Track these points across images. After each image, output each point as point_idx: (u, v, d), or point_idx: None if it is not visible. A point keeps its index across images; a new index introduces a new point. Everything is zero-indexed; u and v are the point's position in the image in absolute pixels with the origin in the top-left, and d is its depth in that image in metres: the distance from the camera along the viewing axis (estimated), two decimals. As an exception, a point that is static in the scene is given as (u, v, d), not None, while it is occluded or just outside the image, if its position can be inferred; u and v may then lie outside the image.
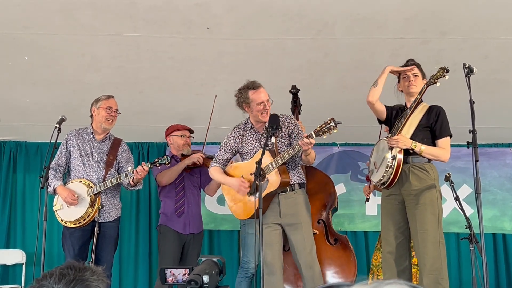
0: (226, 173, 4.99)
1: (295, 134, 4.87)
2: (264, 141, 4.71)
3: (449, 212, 7.14)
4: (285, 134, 4.88)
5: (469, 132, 4.41)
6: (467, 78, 4.41)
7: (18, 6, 5.27)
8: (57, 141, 5.04)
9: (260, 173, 4.37)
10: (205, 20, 5.46)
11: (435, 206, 4.56)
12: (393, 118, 4.87)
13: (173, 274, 2.61)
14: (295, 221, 4.76)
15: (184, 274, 2.55)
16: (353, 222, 7.27)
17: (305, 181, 4.99)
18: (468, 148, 4.64)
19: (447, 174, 4.42)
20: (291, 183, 4.77)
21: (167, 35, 5.65)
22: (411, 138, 4.60)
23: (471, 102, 4.35)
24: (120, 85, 6.25)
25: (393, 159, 4.53)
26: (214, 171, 5.02)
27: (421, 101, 4.77)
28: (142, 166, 5.11)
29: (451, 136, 4.65)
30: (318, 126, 4.43)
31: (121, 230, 7.11)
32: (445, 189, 7.01)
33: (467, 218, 4.28)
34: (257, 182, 4.37)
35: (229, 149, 5.01)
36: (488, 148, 7.37)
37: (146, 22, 5.49)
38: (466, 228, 4.25)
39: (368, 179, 5.80)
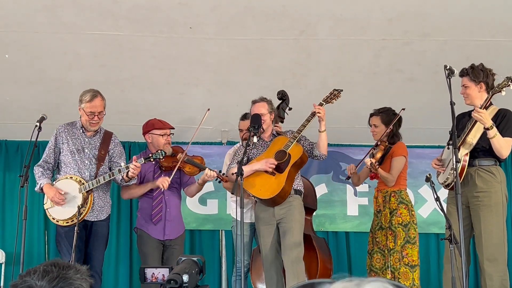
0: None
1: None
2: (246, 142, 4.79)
3: (430, 212, 7.19)
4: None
5: (449, 133, 4.45)
6: (448, 80, 4.44)
7: (-1, 3, 5.23)
8: (38, 139, 4.93)
9: (241, 173, 4.40)
10: (188, 19, 5.45)
11: (500, 208, 4.61)
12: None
13: (153, 273, 2.60)
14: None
15: (164, 274, 2.55)
16: (334, 223, 7.28)
17: (302, 190, 5.27)
18: (448, 149, 4.69)
19: (428, 175, 4.45)
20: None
21: (149, 34, 5.63)
22: (477, 142, 4.65)
23: (452, 104, 4.39)
24: (102, 84, 6.19)
25: (457, 163, 4.59)
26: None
27: (491, 103, 4.73)
28: (134, 164, 4.93)
29: None
30: (325, 96, 5.17)
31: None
32: (426, 189, 7.10)
33: (447, 219, 4.31)
34: (239, 182, 4.39)
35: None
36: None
37: (128, 21, 5.47)
38: (446, 228, 4.28)
39: (348, 177, 5.75)
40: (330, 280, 1.20)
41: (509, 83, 4.50)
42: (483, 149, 4.73)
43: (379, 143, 5.50)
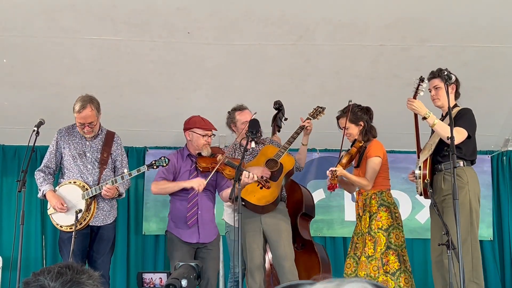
0: None
1: None
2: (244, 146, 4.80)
3: (428, 218, 7.16)
4: None
5: (447, 139, 4.45)
6: (445, 85, 4.45)
7: (-3, 8, 5.23)
8: (35, 144, 4.90)
9: (239, 178, 4.40)
10: (186, 24, 5.46)
11: (466, 208, 4.60)
12: None
13: (151, 278, 2.60)
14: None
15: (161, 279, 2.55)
16: (332, 228, 7.28)
17: (285, 194, 5.43)
18: (446, 154, 4.69)
19: (426, 180, 4.46)
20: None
21: (148, 39, 5.64)
22: (440, 147, 4.66)
23: (449, 109, 4.40)
24: (100, 88, 6.20)
25: (419, 170, 4.66)
26: None
27: (456, 105, 4.82)
28: (106, 186, 4.84)
29: (469, 137, 4.69)
30: (310, 111, 5.27)
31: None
32: (424, 195, 7.10)
33: (444, 224, 4.30)
34: (236, 187, 4.40)
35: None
36: (466, 155, 7.42)
37: (127, 26, 5.47)
38: (444, 234, 4.27)
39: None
40: (310, 282, 1.20)
41: (420, 82, 4.60)
42: (447, 153, 4.67)
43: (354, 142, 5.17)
